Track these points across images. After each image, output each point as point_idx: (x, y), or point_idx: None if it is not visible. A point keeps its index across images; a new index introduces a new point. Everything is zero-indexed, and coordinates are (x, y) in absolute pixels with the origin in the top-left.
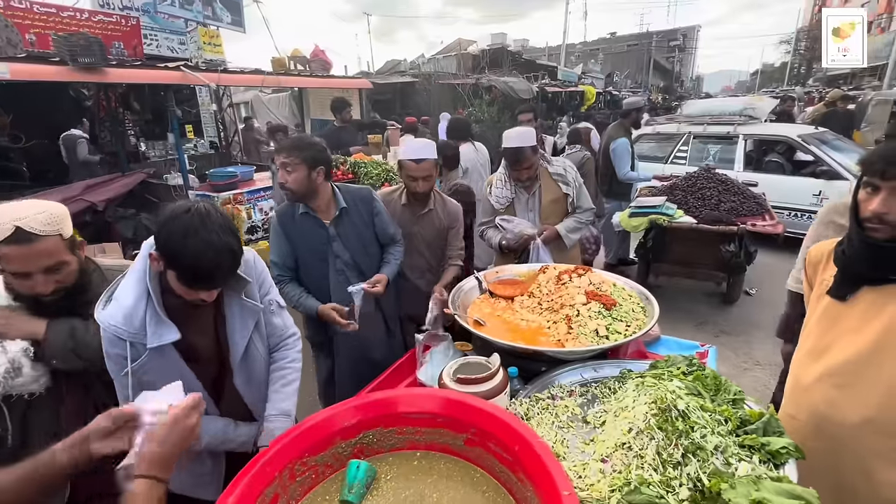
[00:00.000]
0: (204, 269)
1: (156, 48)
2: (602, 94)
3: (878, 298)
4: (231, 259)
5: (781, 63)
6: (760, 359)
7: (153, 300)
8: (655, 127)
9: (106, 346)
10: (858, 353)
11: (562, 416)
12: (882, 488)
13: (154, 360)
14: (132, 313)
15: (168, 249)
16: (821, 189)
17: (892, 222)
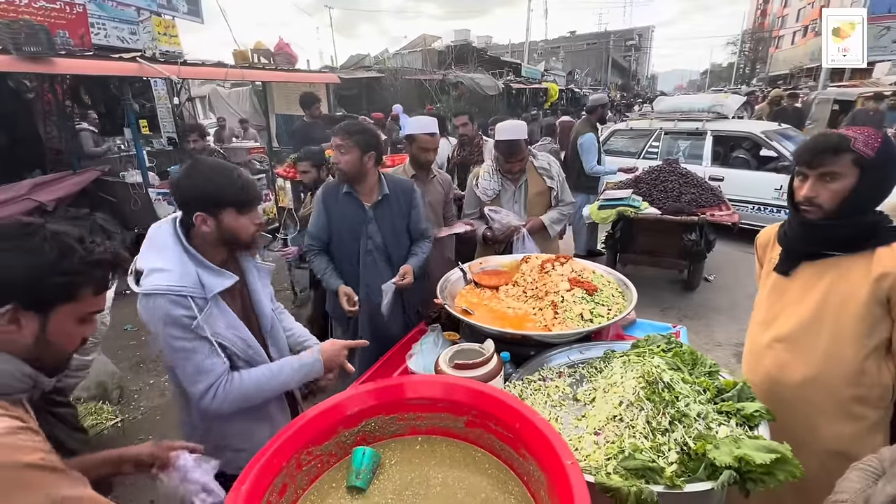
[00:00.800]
0: (249, 186)
1: (105, 38)
2: (564, 92)
3: (815, 272)
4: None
5: (728, 63)
6: (721, 340)
7: (197, 257)
8: (629, 123)
9: (165, 316)
10: (801, 320)
11: (553, 395)
12: (825, 440)
13: (214, 311)
14: (183, 272)
15: (209, 192)
16: (782, 184)
17: (820, 204)
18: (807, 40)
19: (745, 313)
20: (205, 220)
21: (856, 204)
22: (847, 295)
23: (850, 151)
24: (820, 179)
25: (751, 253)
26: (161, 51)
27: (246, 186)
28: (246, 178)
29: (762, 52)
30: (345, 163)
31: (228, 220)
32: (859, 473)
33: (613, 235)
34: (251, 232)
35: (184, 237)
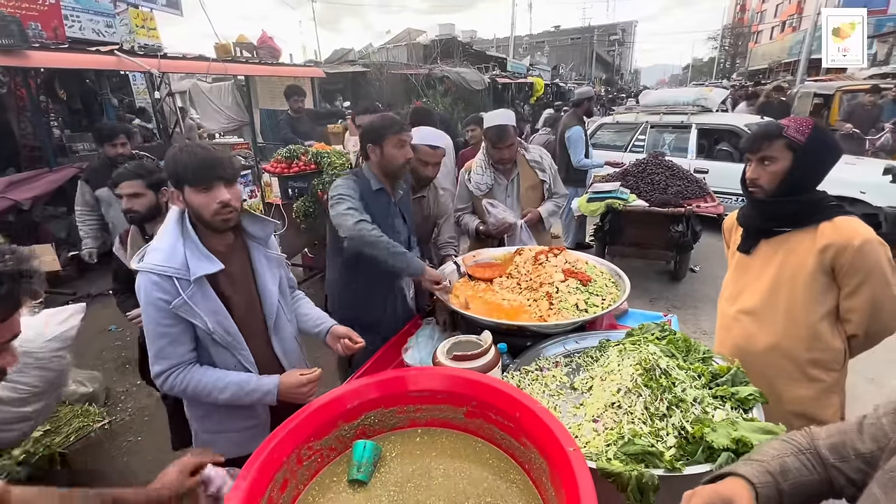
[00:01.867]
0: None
1: (79, 30)
2: (549, 86)
3: (770, 249)
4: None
5: (710, 58)
6: (707, 328)
7: (192, 238)
8: (615, 116)
9: (146, 296)
10: (761, 293)
11: (551, 385)
12: (788, 403)
13: (197, 295)
14: (172, 252)
15: (175, 170)
16: None
17: (761, 185)
18: (784, 35)
19: None
20: (176, 197)
21: (792, 184)
22: (797, 266)
23: (783, 137)
24: (760, 163)
25: None
26: (139, 44)
27: (203, 162)
28: (207, 156)
29: (742, 46)
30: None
31: (189, 197)
32: (782, 443)
33: (602, 228)
34: (213, 210)
35: (188, 220)
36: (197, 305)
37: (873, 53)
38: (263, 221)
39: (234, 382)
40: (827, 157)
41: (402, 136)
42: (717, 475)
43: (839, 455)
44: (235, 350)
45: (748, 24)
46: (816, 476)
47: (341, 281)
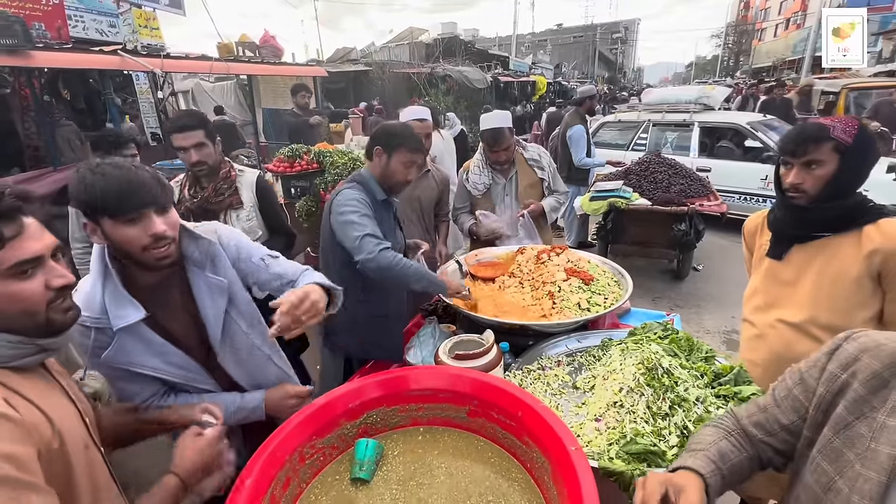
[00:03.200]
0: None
1: (83, 30)
2: (552, 85)
3: (806, 254)
4: (143, 172)
5: (713, 56)
6: (710, 327)
7: (113, 279)
8: (617, 115)
9: (80, 343)
10: (801, 302)
11: (553, 384)
12: None
13: (128, 343)
14: (90, 297)
15: (87, 198)
16: (767, 174)
17: (805, 190)
18: (788, 33)
19: (733, 301)
20: (94, 230)
21: (838, 188)
22: (839, 272)
23: (830, 139)
24: (804, 167)
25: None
26: (143, 44)
27: (124, 188)
28: (128, 178)
29: (745, 44)
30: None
31: (108, 230)
32: (714, 429)
33: (605, 227)
34: (142, 244)
35: (107, 256)
36: (130, 355)
37: (879, 51)
38: (197, 240)
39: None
40: (871, 157)
41: (414, 157)
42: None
43: (765, 430)
44: (199, 383)
45: (752, 21)
46: (746, 454)
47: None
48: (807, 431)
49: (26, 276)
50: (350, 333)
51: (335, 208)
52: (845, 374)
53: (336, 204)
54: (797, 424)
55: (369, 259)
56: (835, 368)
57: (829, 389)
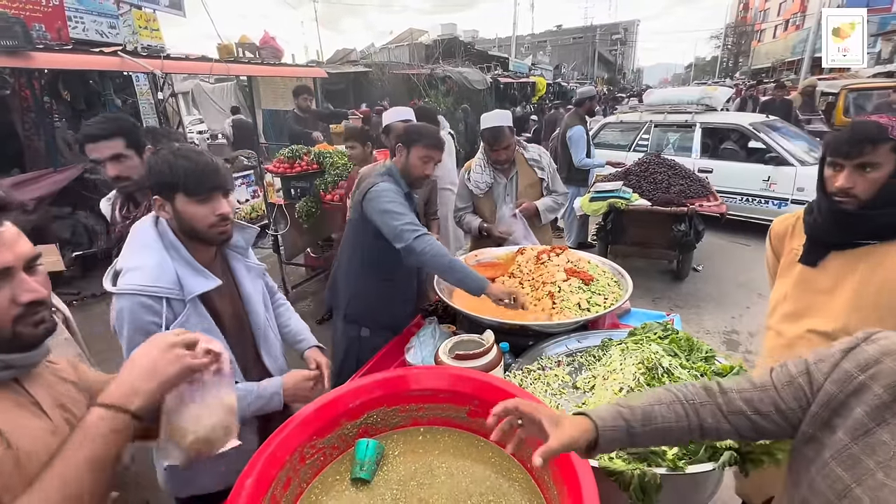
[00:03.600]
0: (204, 169)
1: (83, 31)
2: (552, 86)
3: (845, 261)
4: (216, 159)
5: (712, 57)
6: (710, 328)
7: (180, 253)
8: (619, 116)
9: (132, 321)
10: (838, 312)
11: (553, 384)
12: None
13: (192, 316)
14: (160, 270)
15: (167, 176)
16: (769, 174)
17: (856, 195)
18: (787, 34)
19: (732, 301)
20: (162, 205)
21: (891, 191)
22: (886, 282)
23: (889, 140)
24: (857, 170)
25: (738, 243)
26: (143, 45)
27: (203, 170)
28: (206, 162)
29: (745, 45)
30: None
31: (182, 206)
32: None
33: (605, 227)
34: (210, 223)
35: (170, 232)
36: (193, 328)
37: (877, 52)
38: (244, 228)
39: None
40: None
41: (430, 152)
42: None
43: (755, 409)
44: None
45: (751, 22)
46: (686, 423)
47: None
48: (806, 427)
49: None
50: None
51: (374, 197)
52: (863, 375)
53: (375, 194)
54: (794, 413)
55: (406, 244)
56: (851, 368)
57: (842, 389)
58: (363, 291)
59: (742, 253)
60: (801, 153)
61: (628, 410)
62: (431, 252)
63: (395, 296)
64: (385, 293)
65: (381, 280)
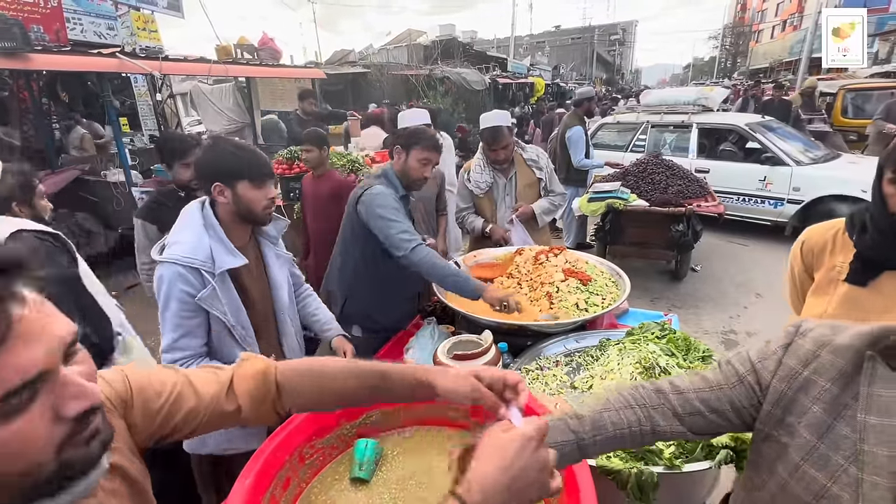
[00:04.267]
0: (263, 160)
1: (81, 33)
2: (550, 86)
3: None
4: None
5: (710, 57)
6: (708, 328)
7: (217, 233)
8: (616, 116)
9: (168, 287)
10: None
11: (551, 384)
12: None
13: (220, 289)
14: (197, 245)
15: (232, 165)
16: (765, 174)
17: None
18: (785, 34)
19: (731, 301)
20: (222, 191)
21: None
22: None
23: None
24: None
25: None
26: (141, 46)
27: (261, 161)
28: (260, 155)
29: (743, 46)
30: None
31: (243, 191)
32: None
33: (603, 228)
34: (264, 205)
35: (212, 214)
36: (216, 300)
37: (875, 52)
38: (276, 219)
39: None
40: None
41: (429, 154)
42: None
43: (711, 408)
44: (247, 345)
45: (749, 23)
46: (637, 428)
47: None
48: (761, 425)
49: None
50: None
51: (370, 201)
52: (806, 371)
53: (370, 197)
54: (747, 410)
55: (403, 255)
56: (794, 364)
57: (790, 385)
58: (358, 292)
59: (740, 253)
60: (796, 153)
61: (576, 422)
62: (429, 262)
63: (391, 296)
64: (380, 294)
65: (375, 281)
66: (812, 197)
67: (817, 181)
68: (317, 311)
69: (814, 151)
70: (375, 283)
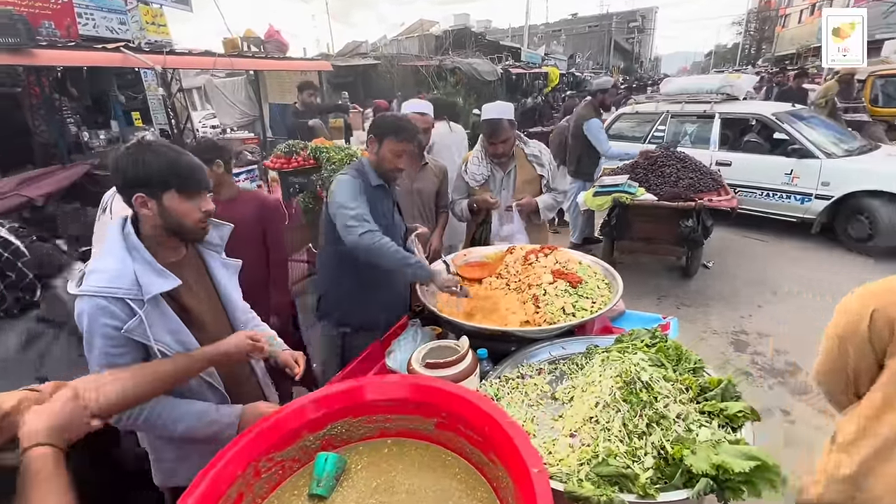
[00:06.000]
0: (197, 168)
1: (93, 28)
2: (565, 76)
3: None
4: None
5: (734, 44)
6: (717, 328)
7: (142, 253)
8: (634, 106)
9: (89, 324)
10: None
11: (531, 394)
12: None
13: (152, 314)
14: (119, 272)
15: (158, 172)
16: (792, 168)
17: None
18: (814, 18)
19: (743, 300)
20: (145, 202)
21: None
22: None
23: None
24: None
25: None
26: (149, 41)
27: (192, 166)
28: (192, 160)
29: (768, 31)
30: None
31: (171, 203)
32: None
33: (609, 223)
34: (196, 218)
35: (134, 234)
36: (153, 326)
37: None
38: (219, 226)
39: (192, 413)
40: None
41: (403, 146)
42: None
43: None
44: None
45: (775, 7)
46: None
47: (336, 282)
48: None
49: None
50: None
51: (333, 190)
52: None
53: (334, 187)
54: None
55: (352, 241)
56: None
57: None
58: (336, 289)
59: (756, 249)
60: (827, 145)
61: None
62: (379, 249)
63: (372, 295)
64: (359, 292)
65: (353, 279)
66: (843, 192)
67: (849, 175)
68: (257, 328)
69: (848, 143)
70: (352, 282)
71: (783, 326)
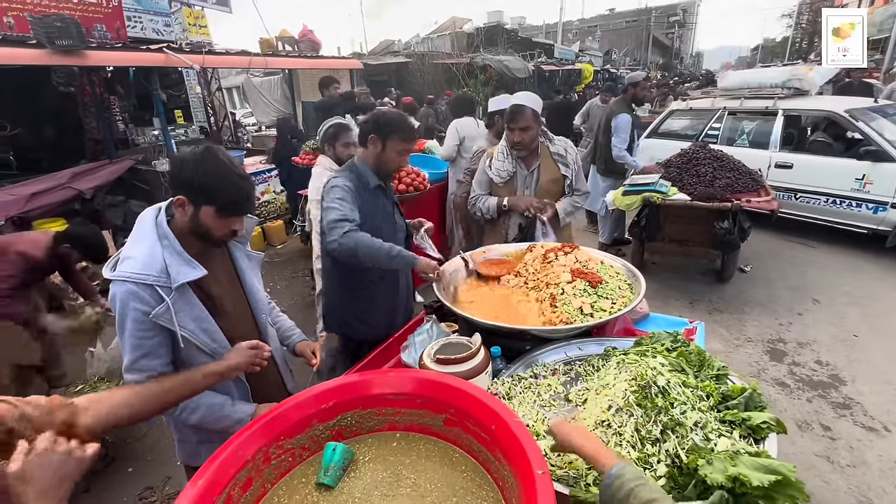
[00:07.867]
0: (244, 196)
1: (140, 30)
2: (600, 72)
3: None
4: (252, 183)
5: (783, 38)
6: (752, 335)
7: (172, 244)
8: (689, 102)
9: (121, 307)
10: None
11: (544, 394)
12: None
13: (178, 302)
14: (150, 259)
15: (205, 186)
16: (864, 173)
17: None
18: (873, 9)
19: (783, 307)
20: (183, 205)
21: None
22: None
23: None
24: None
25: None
26: (189, 41)
27: (241, 194)
28: (244, 186)
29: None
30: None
31: (205, 216)
32: None
33: (639, 223)
34: (224, 234)
35: (166, 223)
36: (179, 313)
37: None
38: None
39: (206, 405)
40: None
41: (408, 145)
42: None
43: None
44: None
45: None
46: None
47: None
48: None
49: None
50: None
51: (325, 195)
52: None
53: (325, 192)
54: None
55: (334, 245)
56: None
57: None
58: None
59: (799, 254)
60: None
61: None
62: (365, 246)
63: (369, 306)
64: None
65: (348, 287)
66: None
67: None
68: (277, 318)
69: None
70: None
71: (825, 336)
